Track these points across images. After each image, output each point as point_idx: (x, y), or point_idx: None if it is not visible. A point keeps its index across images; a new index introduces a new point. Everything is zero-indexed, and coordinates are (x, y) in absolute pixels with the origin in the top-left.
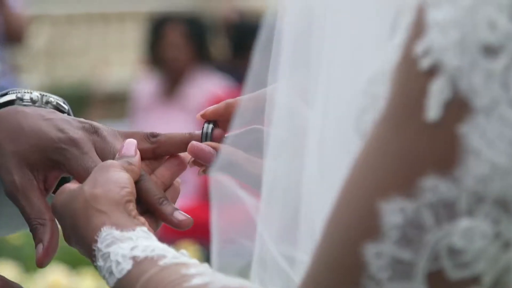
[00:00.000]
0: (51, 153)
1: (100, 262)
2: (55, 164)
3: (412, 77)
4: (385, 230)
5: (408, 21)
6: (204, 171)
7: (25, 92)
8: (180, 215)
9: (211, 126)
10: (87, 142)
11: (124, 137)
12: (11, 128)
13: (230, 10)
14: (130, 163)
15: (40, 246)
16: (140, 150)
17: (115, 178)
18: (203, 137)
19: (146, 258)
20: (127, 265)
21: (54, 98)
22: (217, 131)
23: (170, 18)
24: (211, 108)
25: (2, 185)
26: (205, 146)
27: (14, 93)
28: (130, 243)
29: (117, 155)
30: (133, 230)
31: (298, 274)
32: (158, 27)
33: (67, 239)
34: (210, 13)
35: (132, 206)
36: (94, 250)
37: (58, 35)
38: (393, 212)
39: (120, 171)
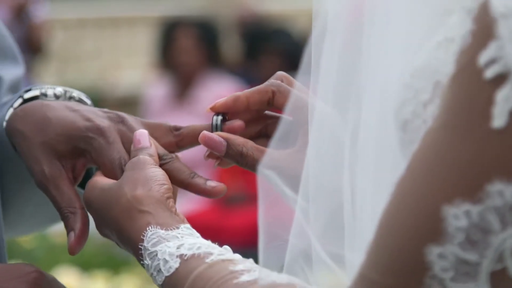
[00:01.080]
0: (78, 142)
1: (147, 261)
2: (82, 153)
3: (477, 86)
4: (449, 232)
5: (465, 27)
6: (219, 164)
7: (48, 88)
8: (212, 183)
9: (220, 117)
10: (113, 131)
11: (148, 128)
12: (38, 120)
13: (242, 13)
14: (150, 155)
15: (72, 234)
16: (164, 144)
17: (153, 175)
18: (213, 128)
19: (193, 255)
20: (174, 264)
21: (76, 93)
22: (237, 123)
23: (181, 22)
24: (220, 100)
25: (32, 176)
26: (215, 135)
27: (37, 89)
28: (176, 241)
29: (132, 147)
30: (178, 228)
31: (345, 271)
32: (169, 31)
33: (102, 232)
34: (221, 16)
35: (172, 203)
36: (140, 249)
37: (69, 39)
38: (458, 216)
39: (155, 167)
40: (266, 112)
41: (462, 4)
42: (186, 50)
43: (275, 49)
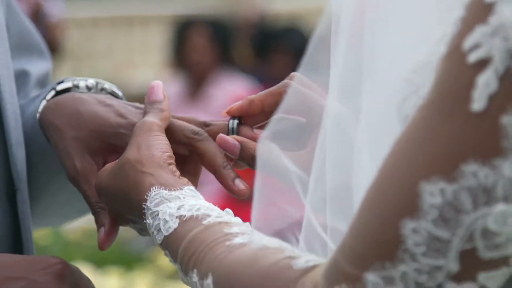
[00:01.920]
0: (111, 138)
1: (149, 220)
2: (115, 148)
3: (461, 69)
4: (424, 208)
5: (459, 15)
6: (234, 165)
7: (80, 80)
8: (240, 184)
9: (236, 121)
10: None
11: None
12: (70, 114)
13: (253, 12)
14: (161, 110)
15: (102, 230)
16: None
17: (155, 143)
18: (229, 131)
19: (191, 217)
20: (173, 224)
21: (108, 85)
22: (257, 130)
23: (194, 21)
24: (236, 104)
25: (64, 170)
26: (230, 138)
27: (70, 80)
28: (178, 202)
29: (145, 100)
30: (181, 189)
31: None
32: (182, 30)
33: (118, 216)
34: (233, 16)
35: (174, 168)
36: (144, 209)
37: (83, 38)
38: (433, 193)
39: (159, 135)
40: (281, 115)
41: (463, 0)
42: (199, 49)
43: (286, 47)
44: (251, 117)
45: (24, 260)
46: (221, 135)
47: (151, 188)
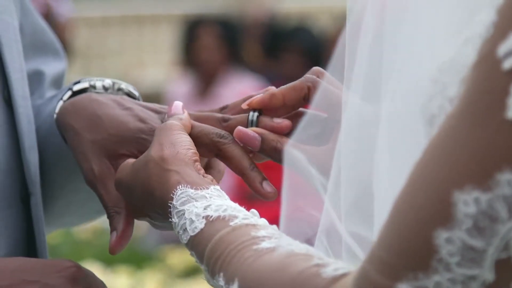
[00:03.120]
0: (131, 143)
1: (175, 219)
2: (133, 153)
3: (494, 76)
4: (458, 218)
5: (489, 19)
6: (253, 157)
7: (97, 80)
8: (267, 186)
9: (256, 114)
10: None
11: (198, 119)
12: (89, 117)
13: (262, 12)
14: (181, 118)
15: (114, 234)
16: None
17: (179, 140)
18: (249, 124)
19: (218, 217)
20: (200, 224)
21: (125, 85)
22: (284, 123)
23: (203, 21)
24: (257, 97)
25: (81, 173)
26: (250, 131)
27: (86, 81)
28: (204, 201)
29: (165, 116)
30: (207, 188)
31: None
32: (192, 29)
33: (136, 210)
34: (242, 15)
35: (199, 166)
36: (169, 207)
37: (94, 37)
38: (467, 202)
39: (181, 132)
40: (301, 109)
41: (491, 0)
42: (208, 48)
43: (296, 47)
44: (271, 111)
45: (38, 264)
46: (240, 128)
47: (178, 187)
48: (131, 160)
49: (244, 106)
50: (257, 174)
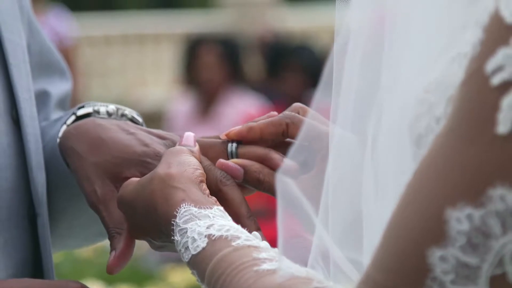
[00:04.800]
0: (135, 166)
1: (177, 237)
2: (137, 176)
3: (484, 92)
4: (451, 235)
5: (476, 37)
6: (243, 191)
7: (101, 105)
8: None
9: (234, 145)
10: None
11: (202, 147)
12: (92, 140)
13: (264, 30)
14: (191, 151)
15: (113, 253)
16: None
17: (187, 161)
18: (229, 155)
19: (221, 237)
20: (202, 243)
21: (129, 111)
22: (293, 167)
23: (204, 40)
24: (235, 129)
25: (83, 196)
26: (231, 163)
27: (90, 106)
28: (207, 220)
29: (177, 145)
30: (210, 208)
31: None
32: (193, 48)
33: (136, 229)
34: (244, 34)
35: (205, 186)
36: (172, 225)
37: (96, 55)
38: (460, 219)
39: (190, 155)
40: (287, 140)
41: (476, 18)
42: (209, 67)
43: (297, 65)
44: (249, 143)
45: (44, 285)
46: (221, 160)
47: (182, 205)
48: (135, 179)
49: (223, 136)
50: (252, 223)
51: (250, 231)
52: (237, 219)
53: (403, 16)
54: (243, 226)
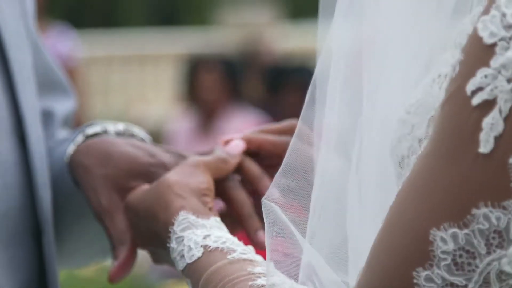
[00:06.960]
0: (141, 176)
1: (173, 245)
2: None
3: (464, 112)
4: (436, 255)
5: (455, 58)
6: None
7: (109, 125)
8: (262, 236)
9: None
10: (176, 166)
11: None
12: (100, 154)
13: (264, 50)
14: (225, 160)
15: (115, 263)
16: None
17: (197, 174)
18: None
19: (217, 249)
20: (197, 252)
21: (137, 131)
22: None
23: (204, 60)
24: (235, 140)
25: (90, 210)
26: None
27: (98, 125)
28: (204, 230)
29: (220, 147)
30: (208, 218)
31: None
32: (193, 68)
33: (139, 237)
34: (244, 53)
35: (208, 199)
36: (169, 232)
37: (97, 75)
38: (445, 239)
39: (204, 172)
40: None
41: (455, 39)
42: (209, 87)
43: (296, 84)
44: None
45: None
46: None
47: (180, 212)
48: (145, 186)
49: (222, 142)
50: (254, 223)
51: (251, 231)
52: (239, 218)
53: (382, 37)
54: (245, 225)
